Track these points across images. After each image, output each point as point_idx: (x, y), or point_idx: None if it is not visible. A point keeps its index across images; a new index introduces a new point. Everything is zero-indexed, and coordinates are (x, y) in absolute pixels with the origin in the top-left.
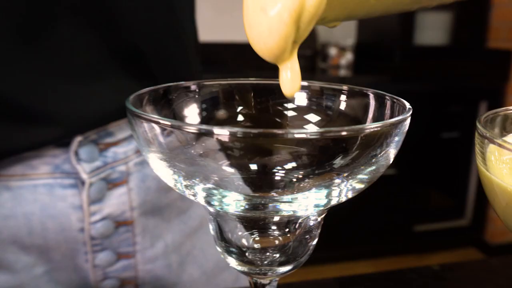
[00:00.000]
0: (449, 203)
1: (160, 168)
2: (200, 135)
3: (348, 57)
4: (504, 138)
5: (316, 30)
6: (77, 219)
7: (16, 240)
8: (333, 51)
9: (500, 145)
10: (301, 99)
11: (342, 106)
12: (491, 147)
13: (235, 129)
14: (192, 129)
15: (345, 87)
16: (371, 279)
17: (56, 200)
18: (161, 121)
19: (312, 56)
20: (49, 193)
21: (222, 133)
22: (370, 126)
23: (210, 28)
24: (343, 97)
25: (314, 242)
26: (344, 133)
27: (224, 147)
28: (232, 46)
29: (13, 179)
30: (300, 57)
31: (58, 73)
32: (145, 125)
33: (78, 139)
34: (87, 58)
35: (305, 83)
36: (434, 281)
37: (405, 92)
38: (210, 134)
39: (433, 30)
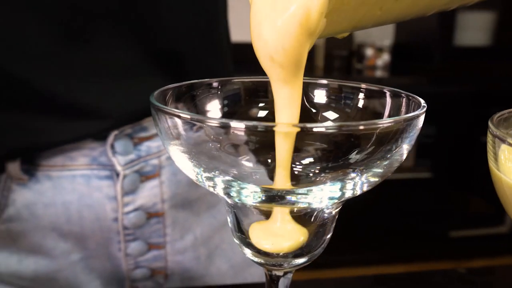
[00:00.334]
0: (488, 209)
1: (182, 160)
2: (219, 128)
3: (385, 57)
4: None
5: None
6: (112, 209)
7: (55, 227)
8: (369, 52)
9: (510, 144)
10: (320, 96)
11: (360, 103)
12: (503, 147)
13: (252, 123)
14: (211, 123)
15: (363, 85)
16: (396, 279)
17: (93, 190)
18: (182, 115)
19: (348, 56)
20: (86, 184)
21: (240, 126)
22: (384, 121)
23: (244, 28)
24: (360, 95)
25: (329, 235)
26: (359, 127)
27: (243, 141)
28: None
29: (54, 169)
30: (336, 57)
31: (99, 72)
32: (167, 118)
33: (114, 133)
34: (126, 58)
35: (324, 81)
36: (460, 285)
37: (444, 94)
38: (228, 127)
39: (474, 30)
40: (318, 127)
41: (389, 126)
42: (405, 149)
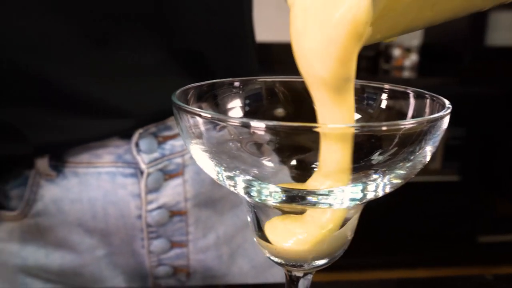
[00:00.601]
0: None
1: (202, 159)
2: (240, 128)
3: (413, 58)
4: None
5: None
6: (135, 206)
7: (81, 223)
8: (397, 52)
9: None
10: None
11: (383, 104)
12: None
13: (272, 122)
14: (232, 122)
15: (386, 86)
16: (418, 283)
17: (117, 187)
18: (203, 114)
19: (374, 56)
20: (111, 181)
21: (260, 126)
22: (407, 122)
23: (271, 28)
24: (383, 96)
25: (350, 237)
26: (381, 128)
27: (263, 141)
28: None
29: (81, 166)
30: (362, 57)
31: (124, 72)
32: (188, 117)
33: (139, 131)
34: (150, 58)
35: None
36: None
37: (474, 95)
38: (248, 126)
39: (506, 30)
40: (340, 128)
41: (412, 127)
42: (428, 150)
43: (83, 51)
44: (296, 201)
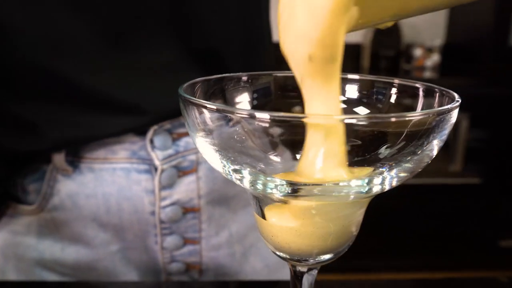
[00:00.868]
0: None
1: (209, 152)
2: (245, 119)
3: (435, 58)
4: None
5: (401, 30)
6: (149, 202)
7: (95, 218)
8: (418, 52)
9: None
10: (352, 92)
11: (392, 99)
12: None
13: (276, 113)
14: (237, 113)
15: (396, 80)
16: (432, 284)
17: (132, 183)
18: (208, 105)
19: (395, 56)
20: (126, 177)
21: (264, 117)
22: (414, 114)
23: None
24: (393, 90)
25: (356, 232)
26: (389, 120)
27: (268, 133)
28: None
29: (96, 162)
30: (382, 57)
31: (141, 69)
32: (195, 110)
33: (154, 128)
34: (167, 56)
35: (356, 76)
36: None
37: (497, 96)
38: (253, 117)
39: None
40: (346, 119)
41: (419, 120)
42: (435, 144)
43: (102, 49)
44: (301, 194)
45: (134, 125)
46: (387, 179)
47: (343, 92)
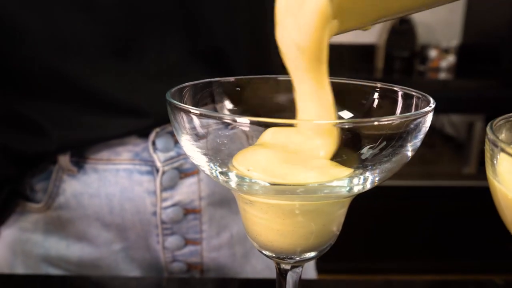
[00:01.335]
0: None
1: (195, 155)
2: (227, 124)
3: (450, 59)
4: None
5: (416, 31)
6: (151, 203)
7: (99, 217)
8: (433, 53)
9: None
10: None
11: (374, 103)
12: (502, 155)
13: (256, 118)
14: (219, 117)
15: (378, 85)
16: (427, 285)
17: (134, 184)
18: (192, 110)
19: (409, 57)
20: (128, 178)
21: (244, 121)
22: (386, 119)
23: None
24: (374, 95)
25: (337, 232)
26: (359, 124)
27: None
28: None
29: (100, 162)
30: (396, 58)
31: (146, 73)
32: (181, 114)
33: (156, 130)
34: (173, 59)
35: (344, 81)
36: None
37: None
38: (234, 121)
39: None
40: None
41: (396, 123)
42: (409, 146)
43: (109, 53)
44: (285, 194)
45: (137, 127)
46: (369, 180)
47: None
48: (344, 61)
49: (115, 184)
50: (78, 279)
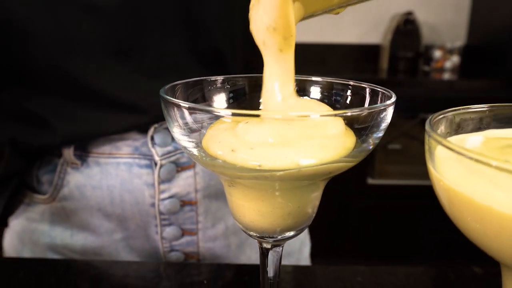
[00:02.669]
0: None
1: (186, 144)
2: (211, 116)
3: (454, 59)
4: (449, 139)
5: (421, 32)
6: (149, 195)
7: (100, 208)
8: (437, 53)
9: (446, 146)
10: (312, 93)
11: (347, 99)
12: (439, 148)
13: (237, 110)
14: (206, 110)
15: (351, 82)
16: (409, 272)
17: (133, 177)
18: (181, 104)
19: (414, 58)
20: (128, 171)
21: (226, 114)
22: (350, 111)
23: (313, 29)
24: (347, 92)
25: (312, 213)
26: (325, 116)
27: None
28: (334, 47)
29: (102, 156)
30: (401, 59)
31: (146, 72)
32: (172, 107)
33: (155, 126)
34: (172, 59)
35: (318, 79)
36: (472, 283)
37: None
38: (212, 112)
39: None
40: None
41: (362, 115)
42: (372, 138)
43: (111, 52)
44: (267, 179)
45: (137, 123)
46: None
47: (307, 93)
48: (349, 62)
49: (116, 176)
50: (82, 263)
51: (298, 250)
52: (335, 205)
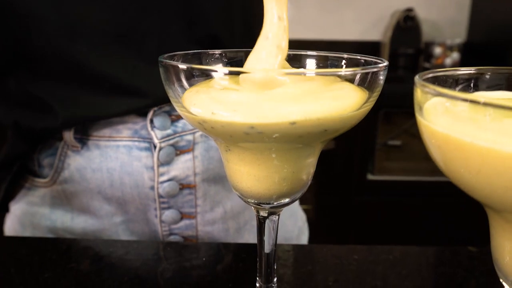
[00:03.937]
0: None
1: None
2: (207, 75)
3: (454, 56)
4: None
5: (421, 28)
6: (149, 178)
7: (100, 191)
8: (437, 50)
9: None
10: (309, 65)
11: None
12: (429, 98)
13: (232, 68)
14: (204, 69)
15: (345, 55)
16: (406, 252)
17: (133, 159)
18: (180, 65)
19: (414, 54)
20: (128, 153)
21: (222, 71)
22: (344, 70)
23: (314, 26)
24: (342, 62)
25: (307, 181)
26: (320, 73)
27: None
28: (335, 44)
29: (102, 139)
30: (401, 55)
31: (146, 57)
32: (170, 69)
33: (154, 109)
34: (171, 45)
35: (313, 53)
36: (467, 261)
37: None
38: (208, 71)
39: None
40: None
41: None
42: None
43: (112, 38)
44: (263, 141)
45: (137, 107)
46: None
47: (301, 66)
48: None
49: (116, 159)
50: (83, 242)
51: (296, 237)
52: (335, 201)
